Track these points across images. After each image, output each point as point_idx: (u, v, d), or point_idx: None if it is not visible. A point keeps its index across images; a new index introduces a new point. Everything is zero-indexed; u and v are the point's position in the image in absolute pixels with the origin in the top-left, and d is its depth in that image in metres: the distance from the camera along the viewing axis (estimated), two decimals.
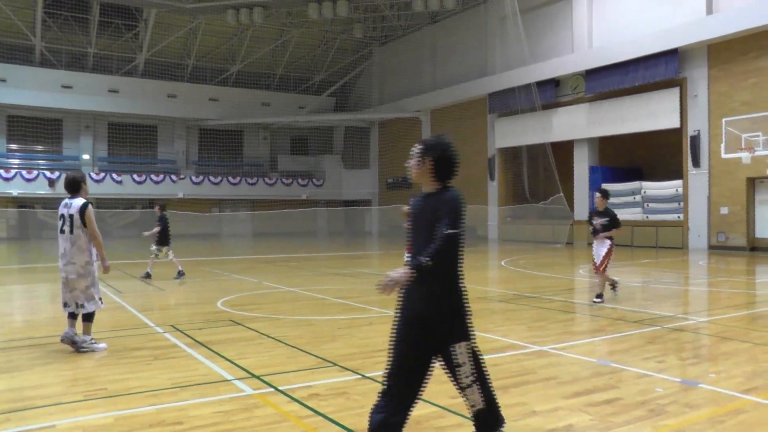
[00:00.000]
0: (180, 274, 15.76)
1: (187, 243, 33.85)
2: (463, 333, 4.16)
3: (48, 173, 39.22)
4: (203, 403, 5.41)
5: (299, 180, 46.49)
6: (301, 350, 7.39)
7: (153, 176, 41.96)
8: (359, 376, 6.18)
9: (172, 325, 9.10)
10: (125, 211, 41.64)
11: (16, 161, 40.64)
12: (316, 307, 11.03)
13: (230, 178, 44.19)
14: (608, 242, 11.18)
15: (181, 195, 42.18)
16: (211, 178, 43.54)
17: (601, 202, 11.31)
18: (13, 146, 41.49)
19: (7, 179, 38.13)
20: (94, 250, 7.87)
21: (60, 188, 38.67)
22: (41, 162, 41.26)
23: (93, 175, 40.31)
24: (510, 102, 33.70)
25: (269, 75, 46.95)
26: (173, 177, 42.68)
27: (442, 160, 4.11)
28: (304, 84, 48.47)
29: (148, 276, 15.72)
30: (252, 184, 44.73)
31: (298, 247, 30.20)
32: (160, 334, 8.57)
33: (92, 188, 39.55)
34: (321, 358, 6.95)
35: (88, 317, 7.78)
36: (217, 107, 44.72)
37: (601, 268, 11.09)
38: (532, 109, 32.25)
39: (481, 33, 36.89)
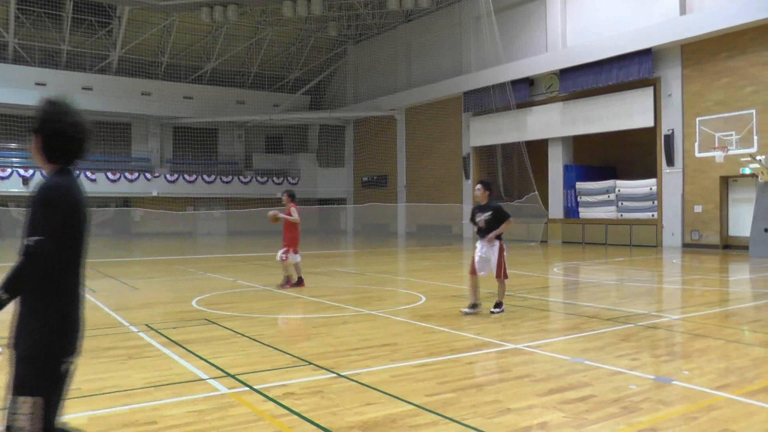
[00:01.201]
0: None
1: (161, 241, 33.60)
2: (30, 384, 2.85)
3: (22, 171, 38.75)
4: (177, 402, 5.38)
5: (274, 178, 46.31)
6: (276, 349, 7.38)
7: (127, 174, 41.56)
8: (334, 375, 6.18)
9: (146, 324, 9.02)
10: (99, 209, 41.19)
11: None
12: (291, 305, 11.02)
13: (205, 177, 43.92)
14: (497, 243, 9.71)
15: (155, 193, 41.84)
16: (186, 177, 43.23)
17: (483, 195, 9.80)
18: None
19: (3, 179, 37.66)
20: None
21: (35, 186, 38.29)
22: (15, 160, 40.70)
23: None
24: (485, 101, 33.87)
25: (244, 73, 46.76)
26: (147, 175, 42.31)
27: (53, 135, 3.22)
28: (278, 82, 48.32)
29: None
30: (227, 183, 44.50)
31: (273, 245, 30.04)
32: (135, 333, 8.50)
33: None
34: (296, 357, 6.94)
35: None
36: (192, 105, 44.43)
37: (502, 275, 9.70)
38: (506, 108, 32.43)
39: (456, 32, 37.02)
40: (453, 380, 5.98)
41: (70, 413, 5.11)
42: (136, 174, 41.93)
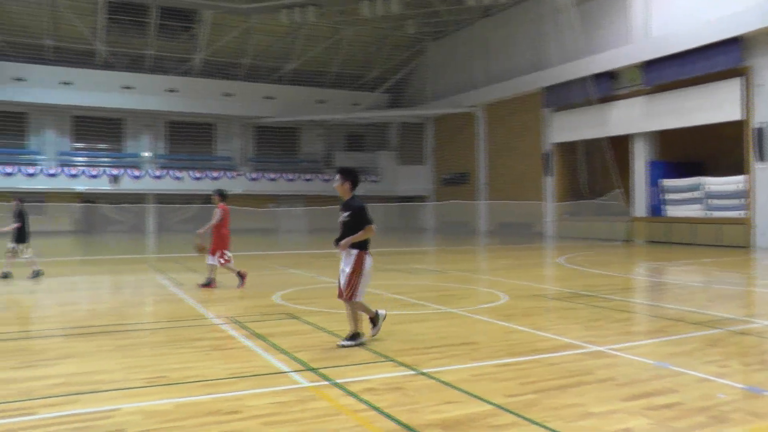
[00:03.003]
0: (36, 273, 14.80)
1: (244, 238, 34.41)
2: None
3: (110, 170, 40.56)
4: (260, 393, 5.51)
5: None
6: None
7: (211, 173, 42.77)
8: (414, 372, 6.18)
9: (230, 317, 9.27)
10: (184, 206, 42.56)
11: (82, 159, 42.25)
12: (372, 302, 11.04)
13: (287, 175, 44.71)
14: (354, 252, 7.39)
15: (238, 191, 42.89)
16: (268, 175, 44.13)
17: (341, 188, 7.52)
18: (79, 145, 43.27)
19: (73, 176, 39.61)
20: None
21: (123, 184, 40.07)
22: (104, 160, 42.72)
23: (154, 172, 41.50)
24: (565, 96, 33.20)
25: (324, 72, 47.29)
26: (230, 173, 43.41)
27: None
28: (358, 81, 48.68)
29: (6, 276, 14.64)
30: (308, 181, 45.15)
31: None
32: (219, 326, 8.74)
33: (153, 185, 41.04)
34: (376, 353, 6.98)
35: None
36: (273, 105, 45.28)
37: (347, 294, 7.38)
38: (588, 102, 31.71)
39: (535, 26, 36.38)
40: (534, 381, 5.89)
41: (157, 399, 5.33)
42: (220, 172, 43.08)
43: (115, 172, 40.56)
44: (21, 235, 15.03)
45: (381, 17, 39.46)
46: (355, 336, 7.44)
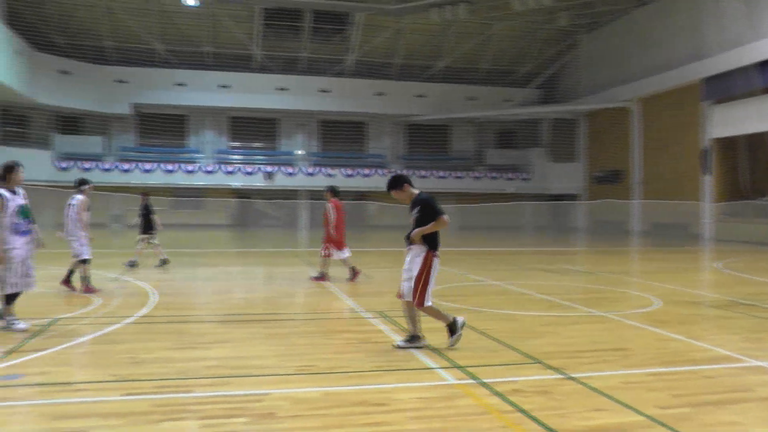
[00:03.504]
0: (162, 262, 16.06)
1: (394, 234, 34.96)
2: None
3: (265, 167, 42.65)
4: (406, 387, 5.64)
5: (506, 174, 46.18)
6: (504, 344, 7.41)
7: (362, 170, 43.83)
8: (563, 376, 6.08)
9: (378, 312, 9.49)
10: None
11: (238, 157, 44.82)
12: (520, 302, 10.96)
13: (438, 172, 44.96)
14: (423, 253, 7.09)
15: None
16: (419, 172, 44.59)
17: (401, 194, 7.38)
18: (235, 144, 46.09)
19: (229, 173, 42.06)
20: (12, 237, 8.01)
21: (277, 181, 42.00)
22: (259, 157, 45.06)
23: (307, 169, 43.18)
24: (726, 87, 30.96)
25: (474, 69, 47.06)
26: (382, 171, 44.24)
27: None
28: (509, 77, 48.01)
29: (132, 265, 15.64)
30: (459, 178, 45.16)
31: (504, 241, 30.10)
32: (367, 320, 8.99)
33: (306, 181, 42.65)
34: (524, 354, 6.92)
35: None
36: (424, 103, 45.66)
37: (417, 300, 7.00)
38: (751, 93, 29.45)
39: (694, 12, 34.10)
40: (688, 394, 5.61)
41: (306, 387, 5.59)
42: (371, 170, 44.03)
43: (269, 169, 42.60)
44: (147, 227, 16.28)
45: (532, 11, 38.73)
46: (413, 338, 7.18)
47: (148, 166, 40.85)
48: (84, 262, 11.44)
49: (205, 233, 33.89)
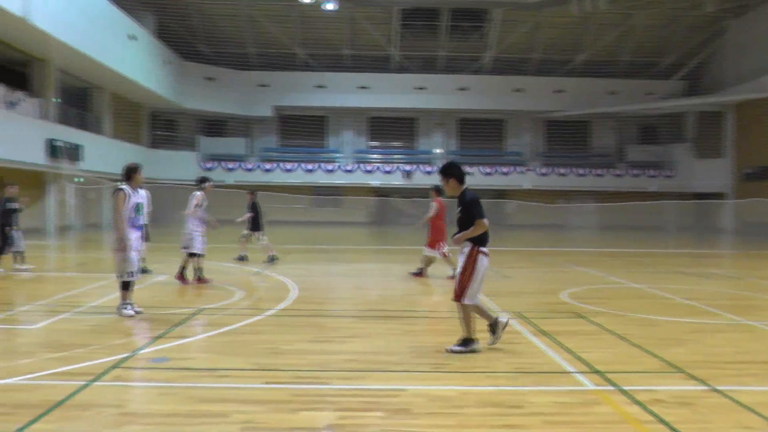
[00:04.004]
0: (271, 258, 16.33)
1: (532, 233, 34.39)
2: None
3: (403, 167, 43.16)
4: (542, 391, 5.51)
5: (648, 171, 44.13)
6: (645, 351, 7.07)
7: (501, 168, 43.36)
8: (707, 388, 5.71)
9: (516, 312, 9.35)
10: None
11: (376, 156, 45.75)
12: (661, 307, 10.43)
13: (577, 170, 43.72)
14: (467, 250, 6.91)
15: (527, 186, 42.92)
16: (558, 170, 43.57)
17: (449, 187, 7.23)
18: (374, 143, 47.08)
19: (368, 172, 42.91)
20: (129, 231, 8.69)
21: (415, 179, 42.37)
22: (398, 156, 45.72)
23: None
24: None
25: (615, 62, 45.17)
26: (520, 169, 43.59)
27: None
28: (651, 69, 45.68)
29: (242, 258, 16.38)
30: (599, 176, 43.65)
31: (645, 242, 28.78)
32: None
33: (439, 179, 42.59)
34: (666, 362, 6.57)
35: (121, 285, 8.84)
36: (563, 98, 44.51)
37: (456, 294, 6.90)
38: None
39: None
40: None
41: (441, 384, 5.58)
42: (510, 168, 43.48)
43: (407, 168, 43.05)
44: (255, 224, 16.77)
45: None
46: (466, 342, 6.92)
47: (289, 165, 42.47)
48: (192, 256, 12.08)
49: (344, 230, 34.74)
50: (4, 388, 5.49)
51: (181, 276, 12.16)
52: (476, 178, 42.79)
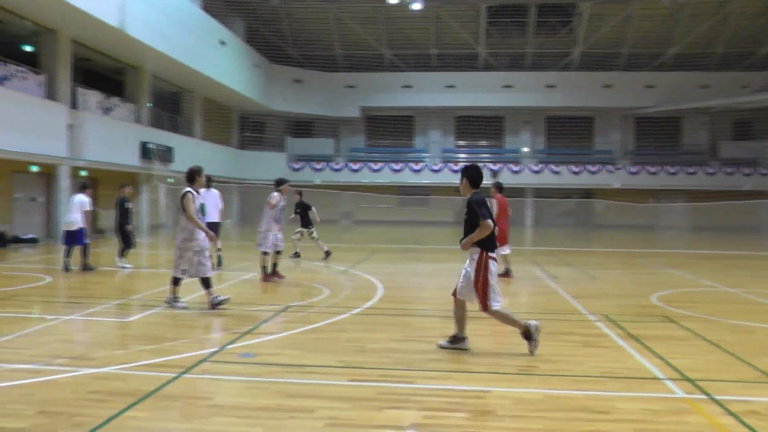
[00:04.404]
0: (327, 254, 16.90)
1: (621, 233, 33.51)
2: None
3: (491, 165, 42.76)
4: (630, 397, 5.38)
5: (743, 169, 42.14)
6: (739, 359, 6.77)
7: (589, 167, 42.43)
8: None
9: (603, 315, 9.16)
10: (562, 200, 42.95)
11: (463, 155, 45.65)
12: (757, 312, 9.98)
13: (668, 168, 42.28)
14: (476, 255, 6.83)
15: (616, 185, 41.82)
16: (648, 168, 42.25)
17: (461, 187, 7.13)
18: (461, 142, 46.87)
19: (455, 171, 42.57)
20: (196, 231, 9.18)
21: (503, 179, 41.76)
22: (485, 155, 45.39)
23: (532, 166, 42.68)
24: None
25: (708, 54, 43.11)
26: (609, 167, 42.52)
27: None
28: (747, 60, 43.24)
29: (296, 255, 16.87)
30: (691, 174, 42.06)
31: (739, 243, 27.57)
32: (592, 322, 8.70)
33: (531, 179, 42.22)
34: (762, 372, 6.27)
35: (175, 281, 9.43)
36: (654, 94, 43.01)
37: (482, 305, 6.78)
38: None
39: None
40: None
41: (527, 387, 5.54)
42: (598, 166, 42.48)
43: (494, 167, 42.66)
44: (305, 222, 17.28)
45: None
46: (456, 339, 6.98)
47: (375, 165, 42.79)
48: (265, 254, 12.49)
49: (430, 230, 34.77)
50: (100, 377, 5.81)
51: (266, 275, 12.54)
52: (564, 177, 42.08)
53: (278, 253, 12.66)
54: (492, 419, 4.80)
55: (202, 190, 9.87)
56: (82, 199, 14.14)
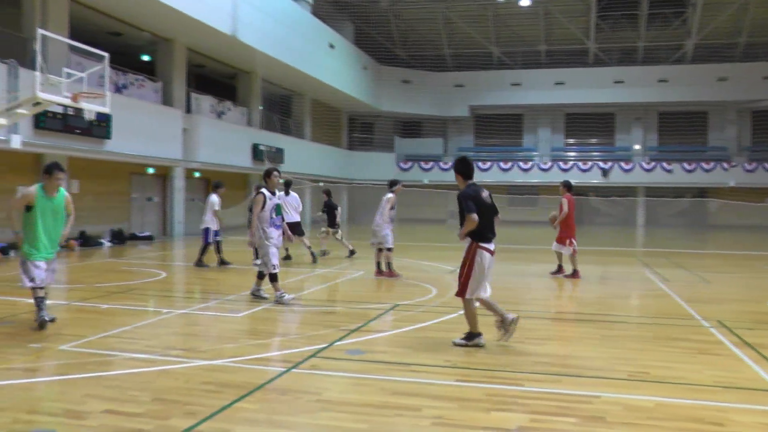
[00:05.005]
0: (351, 253, 17.13)
1: (737, 235, 31.95)
2: None
3: (601, 164, 41.70)
4: (747, 409, 5.17)
5: None
6: None
7: (703, 164, 40.60)
8: None
9: (718, 321, 8.81)
10: (674, 200, 41.32)
11: (573, 154, 44.75)
12: None
13: None
14: (469, 242, 7.20)
15: (732, 183, 39.83)
16: (765, 165, 39.94)
17: (457, 180, 7.48)
18: (570, 140, 45.98)
19: (564, 170, 41.95)
20: (270, 230, 9.79)
21: (613, 177, 40.78)
22: (595, 154, 44.33)
23: (644, 164, 41.28)
24: None
25: None
26: (724, 165, 40.54)
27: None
28: None
29: (325, 253, 17.16)
30: None
31: None
32: (705, 328, 8.39)
33: (643, 177, 40.93)
34: None
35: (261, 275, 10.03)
36: None
37: (458, 289, 7.19)
38: None
39: None
40: None
41: (637, 394, 5.43)
42: (713, 164, 40.58)
43: (605, 165, 41.58)
44: (331, 222, 17.48)
45: None
46: (471, 336, 7.13)
47: (484, 164, 42.58)
48: (386, 250, 12.93)
49: (539, 230, 34.21)
50: (211, 369, 6.13)
51: (380, 271, 12.99)
52: (676, 175, 40.51)
53: (389, 250, 13.02)
54: (601, 425, 4.74)
55: (280, 194, 10.40)
56: (213, 199, 14.91)
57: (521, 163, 42.99)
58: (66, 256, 17.30)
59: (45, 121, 18.11)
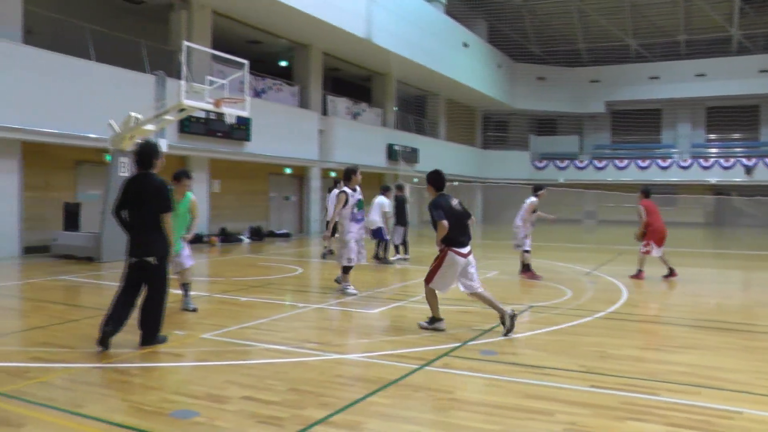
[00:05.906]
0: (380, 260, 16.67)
1: None
2: None
3: (744, 160, 39.07)
4: None
5: None
6: None
7: None
8: None
9: None
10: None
11: (714, 150, 42.17)
12: None
13: None
14: (441, 247, 7.70)
15: None
16: None
17: (428, 190, 8.07)
18: (712, 136, 43.50)
19: (705, 168, 39.72)
20: (350, 225, 10.38)
21: (758, 175, 38.09)
22: (738, 150, 41.59)
23: None
24: None
25: None
26: None
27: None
28: None
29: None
30: None
31: None
32: None
33: None
34: None
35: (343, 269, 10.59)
36: None
37: (428, 280, 7.84)
38: None
39: None
40: None
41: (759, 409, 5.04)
42: None
43: (748, 162, 38.90)
44: (400, 219, 16.96)
45: None
46: (431, 320, 7.83)
47: (621, 162, 41.08)
48: (527, 252, 12.92)
49: (678, 231, 32.50)
50: (345, 362, 6.35)
51: (527, 271, 13.02)
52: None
53: (526, 252, 13.01)
54: None
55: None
56: (382, 201, 15.50)
57: (660, 161, 41.13)
58: (208, 251, 18.37)
59: (189, 125, 19.35)
